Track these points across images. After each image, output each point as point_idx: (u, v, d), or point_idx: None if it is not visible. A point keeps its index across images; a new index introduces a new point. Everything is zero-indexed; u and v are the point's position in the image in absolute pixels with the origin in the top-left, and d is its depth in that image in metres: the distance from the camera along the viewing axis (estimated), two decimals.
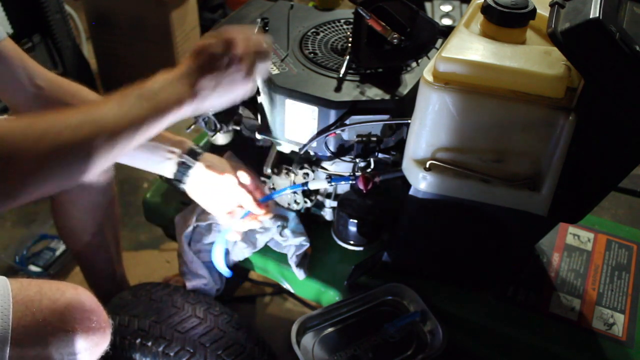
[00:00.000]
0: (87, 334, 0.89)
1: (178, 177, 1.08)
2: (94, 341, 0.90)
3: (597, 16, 0.68)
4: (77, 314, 0.89)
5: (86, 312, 0.90)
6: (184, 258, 1.20)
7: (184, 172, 1.08)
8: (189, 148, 1.09)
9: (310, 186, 1.09)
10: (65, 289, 0.91)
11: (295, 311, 1.60)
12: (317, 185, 1.09)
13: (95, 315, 0.91)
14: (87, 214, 1.29)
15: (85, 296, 0.92)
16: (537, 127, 0.82)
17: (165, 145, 1.07)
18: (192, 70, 0.87)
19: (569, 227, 1.20)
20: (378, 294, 1.07)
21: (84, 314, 0.89)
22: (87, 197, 1.25)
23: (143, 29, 2.31)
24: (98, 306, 0.93)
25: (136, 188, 2.06)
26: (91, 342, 0.90)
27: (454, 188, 0.89)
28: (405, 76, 1.06)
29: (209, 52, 0.88)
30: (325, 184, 1.07)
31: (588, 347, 1.00)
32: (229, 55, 0.88)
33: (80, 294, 0.92)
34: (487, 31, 0.87)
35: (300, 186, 1.09)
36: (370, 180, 1.01)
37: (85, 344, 0.89)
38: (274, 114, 1.07)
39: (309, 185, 1.09)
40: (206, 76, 0.87)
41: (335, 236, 1.15)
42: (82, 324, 0.89)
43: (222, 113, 1.17)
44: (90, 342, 0.90)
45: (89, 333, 0.89)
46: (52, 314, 0.87)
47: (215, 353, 1.06)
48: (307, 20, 1.21)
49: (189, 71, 0.87)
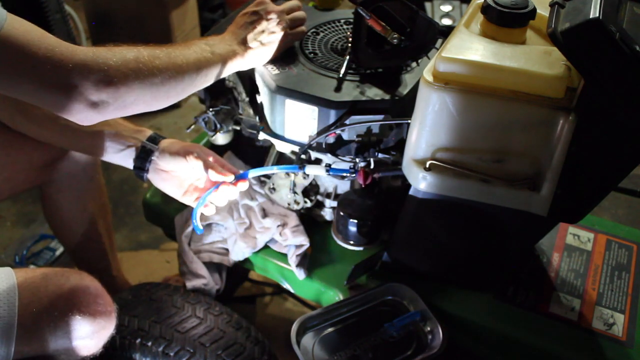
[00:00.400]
0: (93, 317, 0.90)
1: (139, 164, 1.06)
2: (101, 324, 0.92)
3: (597, 16, 0.68)
4: (83, 298, 0.90)
5: (91, 296, 0.91)
6: (184, 258, 1.20)
7: (145, 157, 1.06)
8: (150, 135, 1.08)
9: (307, 170, 1.05)
10: (70, 275, 0.92)
11: (295, 311, 1.60)
12: (314, 170, 1.05)
13: (101, 299, 0.93)
14: (76, 202, 1.30)
15: (89, 281, 0.94)
16: (537, 127, 0.82)
17: (126, 134, 1.08)
18: (239, 29, 1.04)
19: (569, 227, 1.20)
20: (378, 294, 1.07)
21: (89, 298, 0.91)
22: (75, 184, 1.26)
23: (143, 28, 2.31)
24: (102, 291, 0.94)
25: (136, 188, 2.06)
26: (98, 326, 0.91)
27: (454, 188, 0.89)
28: (405, 76, 1.06)
29: (250, 12, 1.05)
30: (322, 170, 1.04)
31: (588, 347, 1.00)
32: (266, 11, 1.05)
33: (84, 279, 0.93)
34: (487, 31, 0.87)
35: (297, 168, 1.05)
36: (369, 175, 1.01)
37: (91, 328, 0.90)
38: (274, 114, 1.07)
39: (306, 169, 1.05)
40: (250, 32, 1.03)
41: (335, 236, 1.15)
42: (88, 307, 0.90)
43: (222, 113, 1.17)
44: (97, 326, 0.91)
45: (96, 316, 0.90)
46: (59, 299, 0.89)
47: (215, 353, 1.06)
48: (307, 20, 1.20)
49: (236, 31, 1.04)
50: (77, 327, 0.89)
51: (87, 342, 0.91)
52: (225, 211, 1.19)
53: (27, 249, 1.78)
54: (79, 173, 1.25)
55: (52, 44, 0.80)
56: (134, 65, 0.85)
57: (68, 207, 1.30)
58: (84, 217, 1.32)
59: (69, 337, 0.89)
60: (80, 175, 1.25)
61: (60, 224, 1.36)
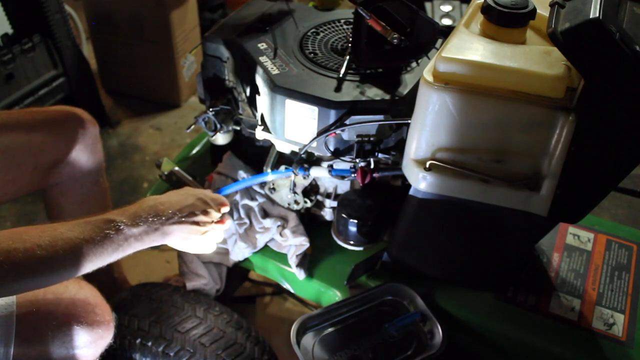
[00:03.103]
0: (91, 327, 0.90)
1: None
2: (98, 334, 0.91)
3: (597, 16, 0.68)
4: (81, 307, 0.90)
5: (89, 305, 0.91)
6: (184, 258, 1.20)
7: None
8: None
9: (312, 172, 1.08)
10: (68, 284, 0.92)
11: (295, 311, 1.60)
12: (318, 172, 1.08)
13: (99, 309, 0.92)
14: (79, 205, 1.29)
15: (88, 290, 0.93)
16: (537, 127, 0.82)
17: None
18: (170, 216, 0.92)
19: (569, 227, 1.20)
20: (378, 294, 1.07)
21: (87, 308, 0.90)
22: (79, 188, 1.26)
23: (143, 28, 2.31)
24: (101, 300, 0.94)
25: (136, 188, 2.07)
26: (95, 335, 0.91)
27: (454, 188, 0.89)
28: (405, 76, 1.06)
29: (190, 209, 0.95)
30: (325, 172, 1.07)
31: (588, 347, 1.00)
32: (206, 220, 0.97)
33: (83, 288, 0.93)
34: (487, 31, 0.87)
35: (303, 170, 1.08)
36: (367, 173, 1.02)
37: (89, 337, 0.90)
38: (274, 114, 1.07)
39: (310, 172, 1.08)
40: (182, 226, 0.93)
41: (335, 236, 1.15)
42: (86, 317, 0.90)
43: (222, 113, 1.17)
44: (94, 335, 0.90)
45: (93, 326, 0.90)
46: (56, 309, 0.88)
47: (215, 353, 1.06)
48: (307, 20, 1.21)
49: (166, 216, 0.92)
50: (75, 336, 0.89)
51: (85, 351, 0.91)
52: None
53: None
54: (83, 177, 1.24)
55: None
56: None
57: (72, 211, 1.29)
58: None
59: (66, 347, 0.88)
60: (85, 179, 1.25)
61: None
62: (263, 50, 1.11)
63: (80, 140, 1.18)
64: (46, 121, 1.15)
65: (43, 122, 1.15)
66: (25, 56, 1.96)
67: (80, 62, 2.18)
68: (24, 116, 1.14)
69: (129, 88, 2.51)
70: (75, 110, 1.21)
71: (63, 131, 1.17)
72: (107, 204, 1.36)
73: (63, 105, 1.23)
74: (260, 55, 1.09)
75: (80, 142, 1.18)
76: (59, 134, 1.17)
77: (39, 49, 2.01)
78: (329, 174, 1.07)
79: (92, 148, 1.22)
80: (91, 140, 1.21)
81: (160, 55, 2.35)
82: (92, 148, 1.22)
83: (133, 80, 2.47)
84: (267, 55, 1.10)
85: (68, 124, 1.18)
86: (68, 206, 1.29)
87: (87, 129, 1.20)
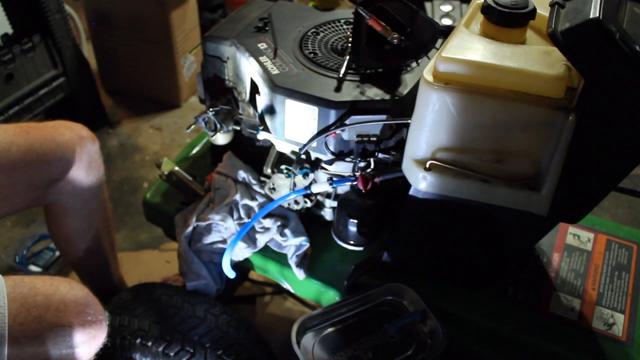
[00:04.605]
0: (83, 327, 0.89)
1: None
2: (91, 334, 0.91)
3: (597, 16, 0.68)
4: (72, 308, 0.89)
5: (81, 305, 0.90)
6: (184, 258, 1.20)
7: None
8: None
9: (314, 189, 1.09)
10: (59, 284, 0.91)
11: (295, 311, 1.60)
12: (320, 188, 1.09)
13: (91, 308, 0.91)
14: (81, 220, 1.28)
15: (79, 290, 0.92)
16: (537, 127, 0.82)
17: None
18: None
19: (569, 227, 1.20)
20: (378, 294, 1.07)
21: (78, 308, 0.90)
22: (81, 204, 1.24)
23: (143, 28, 2.31)
24: (93, 299, 0.93)
25: (136, 188, 2.07)
26: (88, 335, 0.90)
27: (454, 188, 0.89)
28: (405, 76, 1.06)
29: None
30: (327, 187, 1.07)
31: (588, 347, 1.00)
32: None
33: (74, 288, 0.92)
34: (487, 31, 0.87)
35: (304, 190, 1.09)
36: (369, 180, 1.02)
37: (82, 337, 0.89)
38: (274, 114, 1.07)
39: (312, 189, 1.09)
40: None
41: (335, 236, 1.15)
42: (78, 317, 0.89)
43: (222, 113, 1.17)
44: (87, 335, 0.90)
45: (85, 326, 0.89)
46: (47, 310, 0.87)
47: (215, 353, 1.06)
48: (307, 20, 1.21)
49: None
50: (67, 337, 0.88)
51: (79, 351, 0.90)
52: (226, 211, 1.19)
53: (27, 249, 1.78)
54: (84, 192, 1.22)
55: None
56: None
57: (74, 226, 1.28)
58: (89, 235, 1.31)
59: (59, 347, 0.87)
60: (86, 194, 1.23)
61: (65, 242, 1.34)
62: (263, 50, 1.11)
63: (78, 160, 1.15)
64: (42, 141, 1.12)
65: (38, 141, 1.11)
66: (25, 56, 1.96)
67: (80, 62, 2.18)
68: (19, 134, 1.10)
69: (129, 88, 2.51)
70: (74, 127, 1.18)
71: (60, 151, 1.13)
72: (108, 214, 1.35)
73: (61, 121, 1.19)
74: (260, 55, 1.09)
75: (78, 162, 1.15)
76: (55, 154, 1.13)
77: (39, 49, 2.01)
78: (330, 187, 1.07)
79: (91, 165, 1.19)
80: (89, 158, 1.18)
81: (160, 55, 2.35)
82: (91, 165, 1.19)
83: (133, 80, 2.48)
84: (267, 55, 1.10)
85: (65, 145, 1.14)
86: (69, 222, 1.27)
87: (84, 146, 1.17)
